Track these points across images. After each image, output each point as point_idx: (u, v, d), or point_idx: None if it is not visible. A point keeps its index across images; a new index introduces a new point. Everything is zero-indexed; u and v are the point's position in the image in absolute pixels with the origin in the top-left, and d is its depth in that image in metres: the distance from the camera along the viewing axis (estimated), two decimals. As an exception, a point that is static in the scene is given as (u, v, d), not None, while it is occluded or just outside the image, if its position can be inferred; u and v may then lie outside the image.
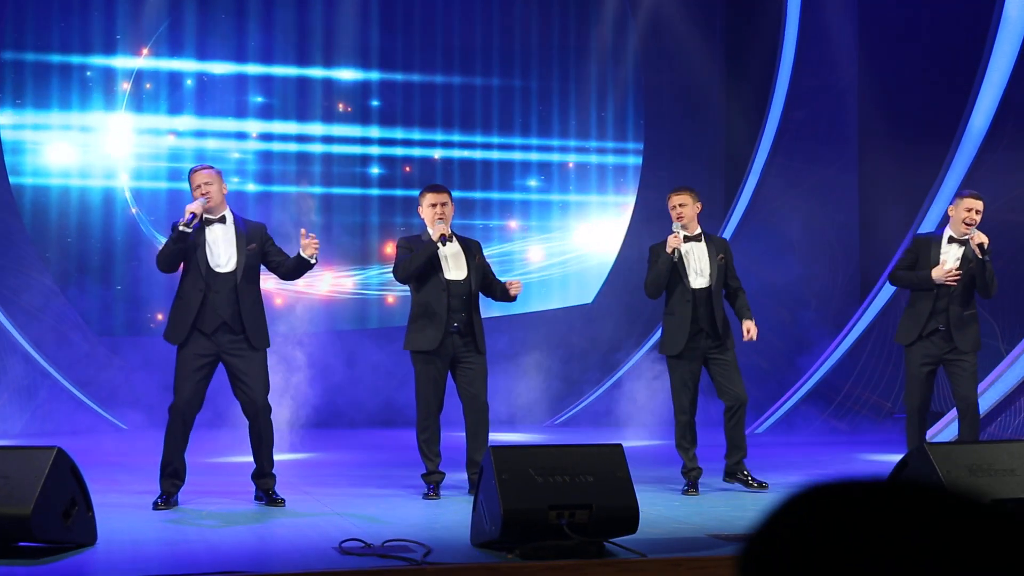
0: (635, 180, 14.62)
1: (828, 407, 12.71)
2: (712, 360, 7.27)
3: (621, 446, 5.21)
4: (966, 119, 11.61)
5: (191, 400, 6.45)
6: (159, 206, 12.79)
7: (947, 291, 7.20)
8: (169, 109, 13.13)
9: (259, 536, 5.54)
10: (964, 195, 7.30)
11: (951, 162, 11.64)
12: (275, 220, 13.20)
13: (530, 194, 14.41)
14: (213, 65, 13.22)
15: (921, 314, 7.27)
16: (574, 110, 14.54)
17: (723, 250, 7.38)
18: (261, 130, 13.40)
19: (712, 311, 7.22)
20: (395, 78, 13.91)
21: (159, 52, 13.09)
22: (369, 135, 13.80)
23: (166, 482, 6.45)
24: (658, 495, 6.99)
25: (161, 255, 6.49)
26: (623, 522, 4.97)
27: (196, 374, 6.44)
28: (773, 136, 13.81)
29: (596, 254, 14.56)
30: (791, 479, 7.94)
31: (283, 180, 13.44)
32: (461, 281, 7.03)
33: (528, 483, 4.85)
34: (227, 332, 6.50)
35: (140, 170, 13.03)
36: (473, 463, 6.92)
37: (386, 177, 13.85)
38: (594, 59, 14.58)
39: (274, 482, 6.62)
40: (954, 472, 5.21)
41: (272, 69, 13.43)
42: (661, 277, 7.23)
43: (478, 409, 7.01)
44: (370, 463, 9.33)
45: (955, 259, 7.23)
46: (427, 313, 6.96)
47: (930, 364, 7.29)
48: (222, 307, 6.49)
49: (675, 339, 7.23)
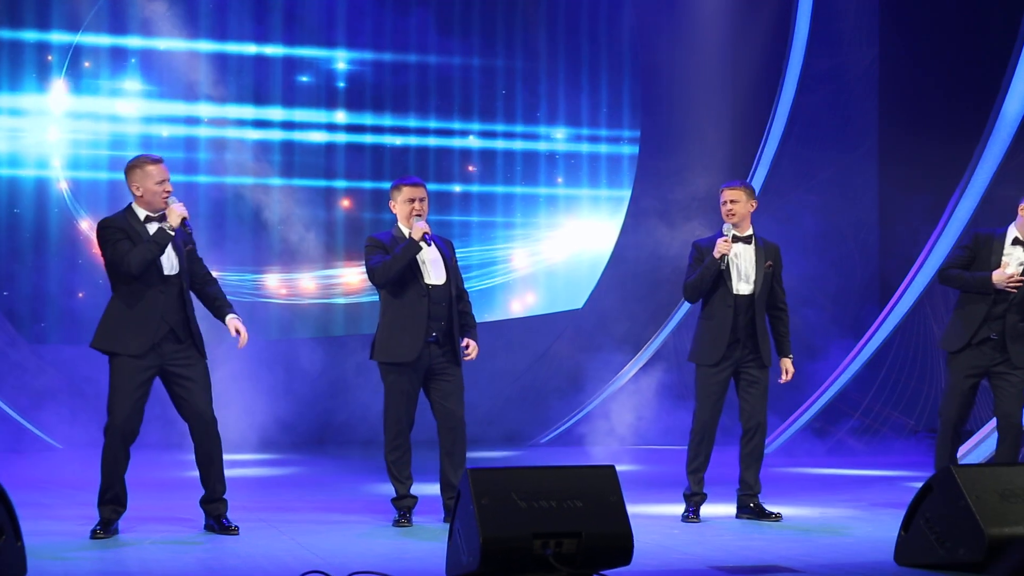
0: (631, 171, 14.62)
1: (844, 425, 12.72)
2: (744, 375, 7.28)
3: (614, 467, 5.20)
4: (999, 105, 11.63)
5: (131, 417, 6.40)
6: (99, 199, 12.74)
7: (1006, 297, 7.21)
8: (111, 91, 13.08)
9: (209, 568, 5.51)
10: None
11: (983, 152, 11.67)
12: (229, 216, 13.24)
13: (514, 187, 14.41)
14: (160, 42, 13.17)
15: (973, 319, 7.27)
16: (563, 93, 14.53)
17: (773, 257, 7.37)
18: (213, 115, 13.35)
19: (753, 321, 7.24)
20: (364, 57, 13.89)
21: (100, 27, 13.04)
22: (335, 120, 13.78)
23: (105, 509, 6.41)
24: (655, 522, 6.99)
25: (143, 257, 6.37)
26: (615, 552, 4.96)
27: (137, 389, 6.39)
28: (784, 122, 13.82)
29: (587, 254, 14.55)
30: (803, 509, 7.95)
31: (238, 171, 13.39)
32: (441, 286, 7.01)
33: (510, 508, 4.84)
34: (173, 341, 6.48)
35: (77, 158, 12.98)
36: (449, 486, 6.91)
37: (354, 167, 13.82)
38: (585, 36, 14.58)
39: (226, 507, 6.59)
40: (983, 498, 5.22)
41: (226, 47, 13.39)
42: (705, 283, 7.23)
43: (455, 426, 6.99)
44: (334, 485, 9.31)
45: (1018, 263, 7.24)
46: (404, 321, 6.93)
47: (975, 376, 7.31)
48: (170, 314, 6.46)
49: (710, 348, 7.23)
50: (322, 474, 10.29)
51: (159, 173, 6.50)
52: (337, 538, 6.35)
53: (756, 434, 7.28)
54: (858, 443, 12.52)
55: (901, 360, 12.59)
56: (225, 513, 6.57)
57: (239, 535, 6.43)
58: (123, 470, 6.44)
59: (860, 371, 12.68)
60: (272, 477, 9.91)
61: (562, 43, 14.55)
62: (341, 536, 6.44)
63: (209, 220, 12.91)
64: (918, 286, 12.15)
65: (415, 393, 7.00)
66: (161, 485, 8.71)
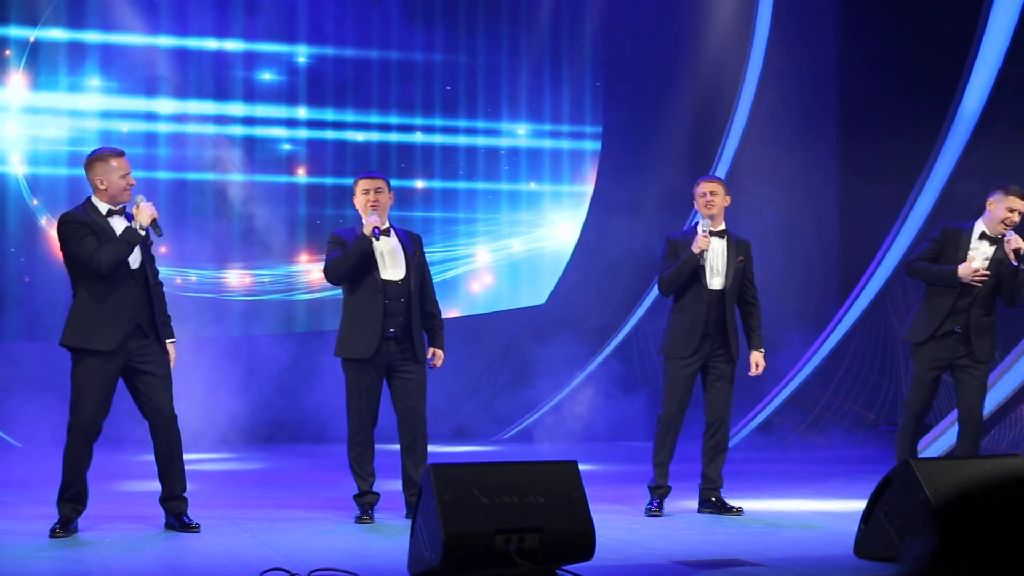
0: (593, 167, 14.63)
1: (805, 419, 12.79)
2: (712, 368, 7.33)
3: (575, 463, 5.20)
4: (958, 100, 11.71)
5: (96, 416, 6.35)
6: (58, 194, 12.64)
7: (971, 291, 7.26)
8: (70, 86, 12.98)
9: (169, 566, 5.48)
10: (1009, 190, 7.23)
11: (942, 146, 11.75)
12: (189, 212, 13.16)
13: (476, 183, 14.38)
14: (120, 36, 13.07)
15: (939, 312, 7.31)
16: (525, 89, 14.52)
17: (744, 252, 7.43)
18: (174, 110, 13.27)
19: (724, 315, 7.29)
20: (325, 52, 13.84)
21: (58, 21, 12.93)
22: (296, 116, 13.73)
23: (65, 507, 6.36)
24: (617, 517, 7.00)
25: (115, 255, 6.32)
26: (578, 547, 4.96)
27: (104, 387, 6.35)
28: (746, 117, 13.88)
29: (549, 250, 14.56)
30: (765, 502, 7.98)
31: (199, 167, 13.32)
32: (399, 281, 6.99)
33: (472, 504, 4.83)
34: (139, 336, 6.43)
35: (36, 154, 12.88)
36: (410, 483, 6.91)
37: (315, 163, 13.76)
38: (547, 33, 14.57)
39: (186, 505, 6.56)
40: (943, 491, 5.25)
41: (187, 42, 13.31)
42: (682, 277, 7.27)
43: (415, 423, 6.99)
44: (296, 483, 9.29)
45: (984, 258, 7.28)
46: (360, 317, 6.93)
47: (939, 368, 7.35)
48: (136, 308, 6.41)
49: (683, 341, 7.28)
50: (283, 471, 10.26)
51: (122, 166, 6.47)
52: (299, 535, 6.33)
53: (719, 429, 7.32)
54: (819, 436, 12.59)
55: (862, 354, 12.67)
56: (186, 511, 6.53)
57: (200, 533, 6.40)
58: (86, 468, 6.40)
59: (821, 364, 12.75)
60: (233, 474, 9.87)
61: (524, 39, 14.53)
62: (303, 533, 6.41)
63: (169, 216, 12.79)
64: (878, 280, 12.24)
65: (376, 390, 6.99)
66: (122, 482, 8.66)
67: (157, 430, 6.51)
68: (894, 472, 5.49)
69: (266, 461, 10.92)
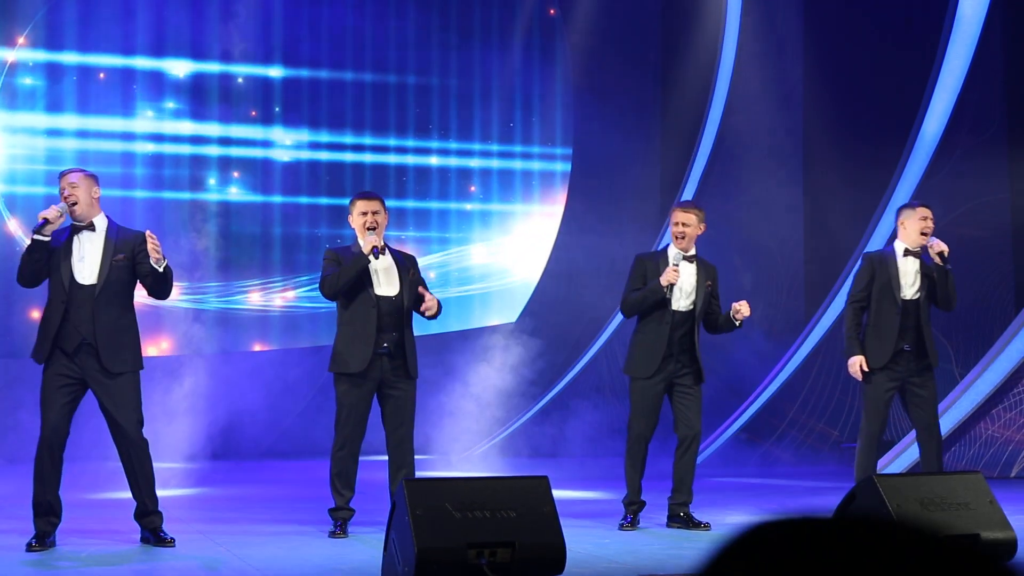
0: (563, 188, 14.66)
1: (770, 437, 12.83)
2: (678, 386, 7.34)
3: (547, 478, 5.21)
4: (918, 126, 11.82)
5: (57, 428, 6.32)
6: (35, 214, 12.54)
7: (914, 307, 7.32)
8: (47, 106, 12.93)
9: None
10: (915, 205, 7.51)
11: (904, 168, 11.85)
12: (166, 232, 13.11)
13: (448, 203, 14.39)
14: (98, 57, 13.04)
15: (889, 334, 7.35)
16: (496, 111, 14.55)
17: (712, 277, 7.45)
18: (151, 130, 13.23)
19: (690, 335, 7.30)
20: (300, 75, 13.83)
21: (36, 42, 12.89)
22: (271, 137, 13.70)
23: (40, 521, 6.32)
24: (588, 532, 7.01)
25: (20, 266, 6.44)
26: (549, 562, 4.97)
27: (60, 399, 6.31)
28: (712, 144, 13.94)
29: (520, 269, 14.57)
30: (732, 517, 8.00)
31: (175, 186, 13.28)
32: (392, 297, 6.99)
33: (444, 519, 4.83)
34: (89, 354, 6.38)
35: (13, 173, 12.82)
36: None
37: (289, 184, 13.73)
38: (519, 55, 14.61)
39: (161, 520, 6.52)
40: (905, 506, 5.28)
41: (163, 63, 13.28)
42: (646, 304, 7.30)
43: (402, 440, 6.92)
44: (271, 498, 9.25)
45: (915, 272, 7.36)
46: (355, 332, 6.91)
47: (894, 387, 7.39)
48: (82, 324, 6.37)
49: (645, 360, 7.30)
50: (259, 485, 10.21)
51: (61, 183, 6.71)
52: (273, 549, 6.30)
53: (691, 445, 7.33)
54: (784, 452, 12.63)
55: (826, 372, 12.73)
56: (161, 526, 6.49)
57: (175, 547, 6.36)
58: (55, 480, 6.34)
59: (787, 382, 12.80)
60: (209, 489, 9.81)
61: (496, 62, 14.56)
62: (277, 547, 6.39)
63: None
64: (841, 301, 12.30)
65: (365, 405, 6.96)
66: (98, 496, 8.60)
67: (121, 451, 6.47)
68: (858, 488, 5.51)
69: (240, 475, 10.87)
